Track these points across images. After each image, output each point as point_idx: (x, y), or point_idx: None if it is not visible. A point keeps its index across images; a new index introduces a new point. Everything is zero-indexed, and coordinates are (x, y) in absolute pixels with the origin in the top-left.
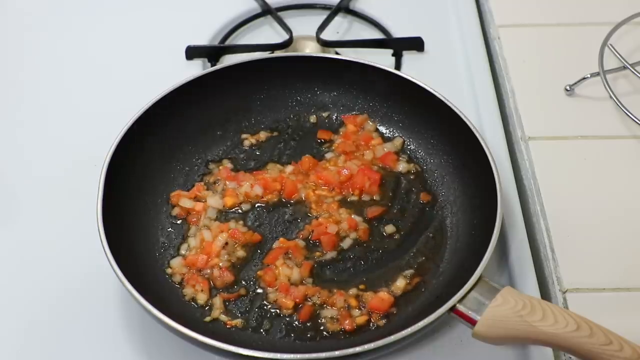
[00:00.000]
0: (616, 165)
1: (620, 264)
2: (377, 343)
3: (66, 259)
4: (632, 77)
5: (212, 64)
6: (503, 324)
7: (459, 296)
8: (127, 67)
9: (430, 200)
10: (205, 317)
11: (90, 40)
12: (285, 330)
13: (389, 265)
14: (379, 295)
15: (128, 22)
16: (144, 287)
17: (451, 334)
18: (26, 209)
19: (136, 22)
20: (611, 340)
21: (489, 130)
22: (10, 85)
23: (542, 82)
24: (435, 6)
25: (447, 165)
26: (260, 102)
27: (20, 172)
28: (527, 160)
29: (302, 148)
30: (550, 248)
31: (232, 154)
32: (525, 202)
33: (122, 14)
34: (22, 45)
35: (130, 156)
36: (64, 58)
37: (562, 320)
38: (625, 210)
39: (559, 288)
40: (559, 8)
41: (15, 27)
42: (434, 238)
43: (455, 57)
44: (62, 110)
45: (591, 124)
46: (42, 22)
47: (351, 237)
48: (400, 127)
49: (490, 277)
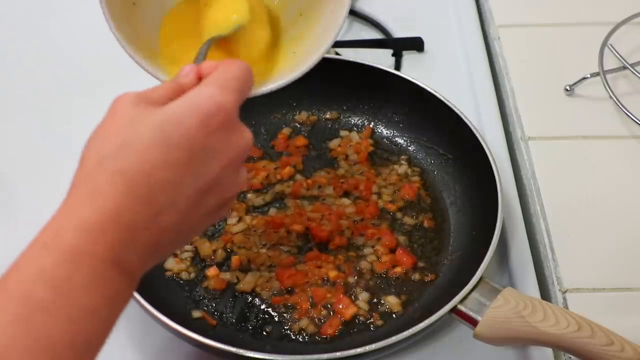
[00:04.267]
0: (616, 165)
1: (620, 264)
2: (378, 344)
3: None
4: (632, 77)
5: None
6: (504, 325)
7: (460, 297)
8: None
9: (430, 201)
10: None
11: (90, 40)
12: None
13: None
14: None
15: None
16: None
17: (451, 335)
18: (26, 209)
19: None
20: (613, 341)
21: (489, 130)
22: (10, 84)
23: (542, 82)
24: (435, 6)
25: (447, 165)
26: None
27: (20, 172)
28: (527, 160)
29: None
30: (550, 248)
31: None
32: (525, 202)
33: None
34: (21, 43)
35: None
36: (63, 57)
37: (563, 321)
38: (626, 211)
39: (559, 288)
40: (559, 8)
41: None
42: (434, 239)
43: (455, 57)
44: (62, 110)
45: (591, 124)
46: (41, 22)
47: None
48: (400, 128)
49: (490, 277)
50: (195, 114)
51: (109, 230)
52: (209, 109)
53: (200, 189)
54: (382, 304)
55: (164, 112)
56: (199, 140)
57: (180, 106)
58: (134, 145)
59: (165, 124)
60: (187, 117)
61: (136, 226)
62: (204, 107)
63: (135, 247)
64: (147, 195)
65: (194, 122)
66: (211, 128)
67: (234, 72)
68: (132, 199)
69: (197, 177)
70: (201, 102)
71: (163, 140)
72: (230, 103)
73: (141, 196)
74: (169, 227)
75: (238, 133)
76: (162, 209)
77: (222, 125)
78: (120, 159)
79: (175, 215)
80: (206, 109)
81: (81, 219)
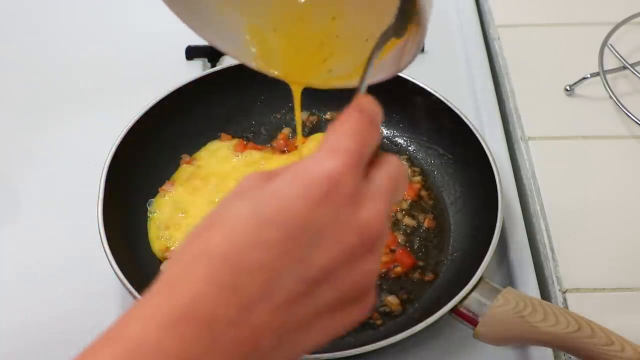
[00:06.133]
0: (616, 165)
1: (620, 264)
2: (378, 344)
3: (66, 259)
4: (632, 77)
5: (212, 64)
6: (504, 325)
7: (460, 297)
8: (126, 67)
9: (430, 201)
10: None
11: (89, 40)
12: None
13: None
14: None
15: (128, 22)
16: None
17: (451, 335)
18: (26, 209)
19: (136, 22)
20: (613, 341)
21: (489, 130)
22: (10, 85)
23: (542, 82)
24: (435, 6)
25: (447, 165)
26: (260, 102)
27: (20, 172)
28: (527, 160)
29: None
30: (550, 248)
31: None
32: (525, 202)
33: (121, 14)
34: (20, 44)
35: (131, 156)
36: (63, 57)
37: (563, 321)
38: (626, 210)
39: (559, 288)
40: (559, 8)
41: (13, 25)
42: (434, 239)
43: (455, 57)
44: (62, 110)
45: (591, 124)
46: (42, 22)
47: None
48: (400, 128)
49: (490, 277)
50: (296, 184)
51: (181, 322)
52: (312, 177)
53: (306, 278)
54: (382, 304)
55: (266, 186)
56: (300, 214)
57: (282, 178)
58: (223, 222)
59: (261, 196)
60: (286, 187)
61: (217, 320)
62: (306, 175)
63: (218, 348)
64: (231, 281)
65: (294, 193)
66: (316, 200)
67: (351, 125)
68: (213, 286)
69: (298, 267)
70: (302, 170)
71: (254, 214)
72: (340, 166)
73: (225, 283)
74: (263, 326)
75: (355, 212)
76: (252, 301)
77: (329, 197)
78: (205, 238)
79: (271, 311)
80: (309, 177)
81: (153, 307)
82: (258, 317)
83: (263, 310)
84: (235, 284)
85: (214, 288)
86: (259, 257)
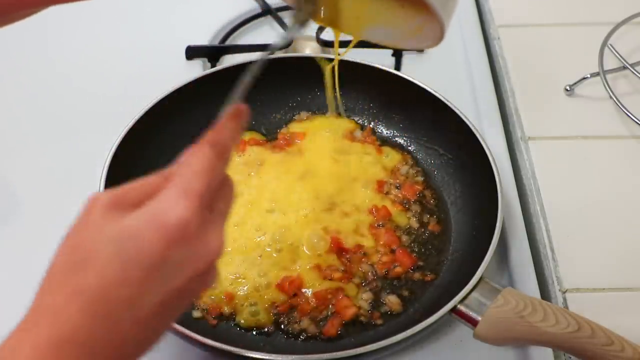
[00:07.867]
0: (616, 165)
1: (620, 264)
2: (379, 344)
3: None
4: (632, 77)
5: (212, 64)
6: (504, 325)
7: (460, 297)
8: (126, 67)
9: (430, 201)
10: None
11: (89, 40)
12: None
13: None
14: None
15: (128, 22)
16: None
17: (452, 335)
18: (26, 208)
19: (136, 22)
20: (612, 341)
21: (489, 130)
22: (10, 84)
23: (542, 82)
24: None
25: (447, 166)
26: (260, 102)
27: (20, 171)
28: (527, 160)
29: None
30: (550, 248)
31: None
32: (525, 202)
33: (122, 14)
34: (21, 44)
35: (131, 156)
36: (63, 57)
37: (563, 321)
38: (626, 210)
39: (559, 288)
40: (559, 8)
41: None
42: (435, 239)
43: (455, 57)
44: (62, 110)
45: (591, 124)
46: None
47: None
48: (400, 128)
49: (490, 277)
50: (153, 227)
51: (65, 348)
52: (166, 222)
53: (164, 301)
54: (382, 304)
55: (125, 224)
56: (158, 255)
57: (139, 218)
58: (93, 262)
59: (124, 239)
60: (145, 230)
61: (95, 341)
62: (162, 219)
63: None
64: (105, 312)
65: (152, 237)
66: (171, 242)
67: (201, 163)
68: (90, 318)
69: (158, 292)
70: (158, 214)
71: (120, 256)
72: (190, 210)
73: (99, 314)
74: (131, 337)
75: (202, 244)
76: (121, 323)
77: (182, 238)
78: (79, 277)
79: (137, 326)
80: (163, 222)
81: (38, 336)
82: (126, 332)
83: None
84: (109, 313)
85: (91, 319)
86: (126, 292)
